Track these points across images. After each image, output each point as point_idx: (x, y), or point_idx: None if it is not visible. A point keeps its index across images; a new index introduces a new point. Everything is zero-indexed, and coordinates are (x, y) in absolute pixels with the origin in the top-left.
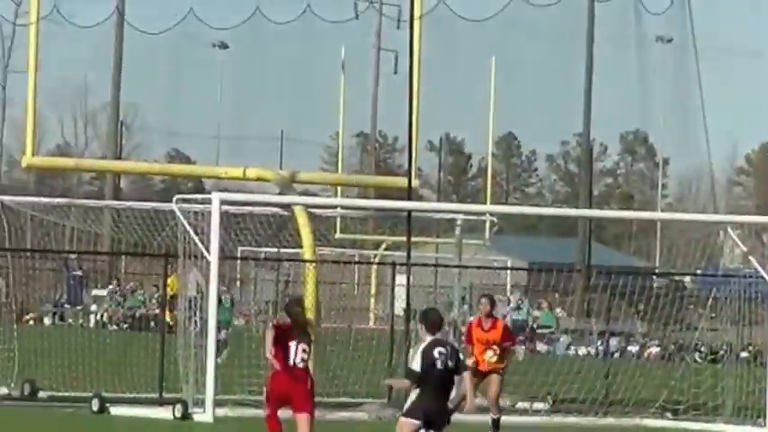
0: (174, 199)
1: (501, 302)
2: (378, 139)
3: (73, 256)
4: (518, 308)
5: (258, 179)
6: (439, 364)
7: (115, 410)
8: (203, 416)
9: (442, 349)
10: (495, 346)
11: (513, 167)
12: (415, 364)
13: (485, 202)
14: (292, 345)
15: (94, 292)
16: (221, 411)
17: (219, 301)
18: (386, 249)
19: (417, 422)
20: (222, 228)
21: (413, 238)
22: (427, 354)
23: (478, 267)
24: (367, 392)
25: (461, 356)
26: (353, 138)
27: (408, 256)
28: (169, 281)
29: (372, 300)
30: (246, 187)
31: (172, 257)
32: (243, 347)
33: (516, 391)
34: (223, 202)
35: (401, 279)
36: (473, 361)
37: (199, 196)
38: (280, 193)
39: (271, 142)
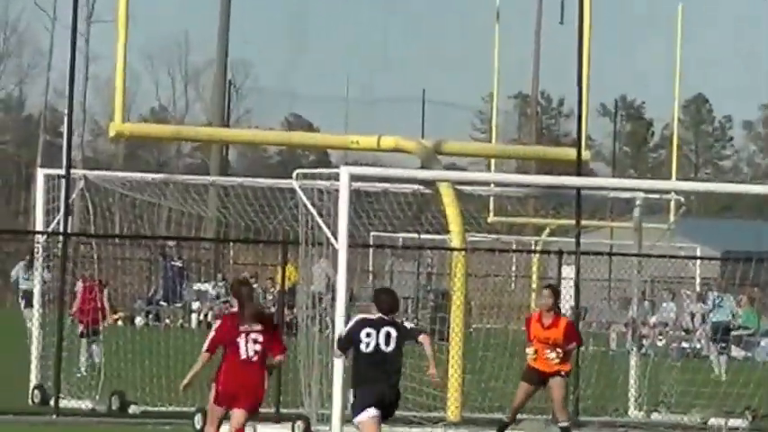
0: (294, 174)
1: (689, 298)
2: (540, 102)
3: (171, 243)
4: (719, 305)
5: (395, 150)
6: (363, 347)
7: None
8: None
9: (370, 330)
10: (558, 349)
11: (703, 136)
12: (342, 334)
13: (669, 178)
14: (242, 336)
15: (197, 286)
16: (351, 430)
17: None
18: (549, 235)
19: (372, 410)
20: (352, 209)
21: (582, 222)
22: (351, 332)
23: (662, 256)
24: (527, 406)
25: (410, 338)
26: (510, 100)
27: (577, 243)
28: (288, 272)
29: (533, 295)
30: (381, 160)
31: (291, 245)
32: None
33: (709, 405)
34: (353, 178)
35: (568, 271)
36: (532, 358)
37: (324, 171)
38: (422, 167)
39: (410, 106)
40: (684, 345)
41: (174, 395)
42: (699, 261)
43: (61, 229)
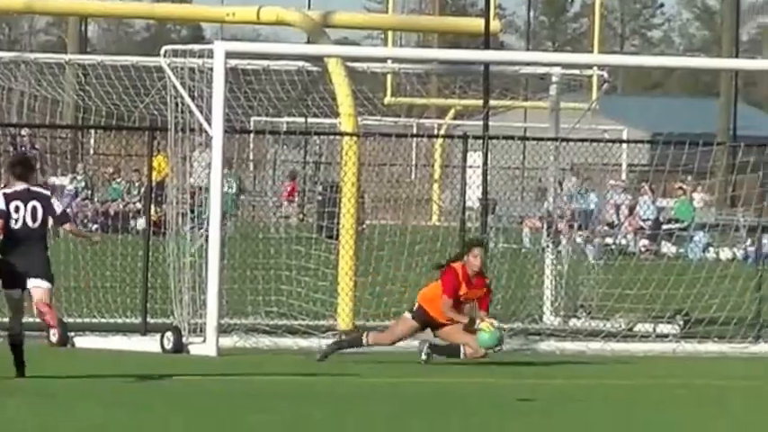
0: (162, 51)
1: (615, 189)
2: None
3: (24, 131)
4: (579, 193)
5: (277, 23)
6: (14, 223)
7: (82, 342)
8: (203, 347)
9: (19, 203)
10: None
11: (629, 2)
12: None
13: (591, 51)
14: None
15: (53, 179)
16: (227, 341)
17: None
18: (454, 118)
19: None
20: (228, 90)
21: (491, 102)
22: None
23: (583, 140)
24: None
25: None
26: None
27: (485, 126)
28: (155, 163)
29: (436, 187)
30: (262, 35)
31: (159, 131)
32: (258, 253)
33: (635, 309)
34: (229, 55)
35: (475, 158)
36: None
37: (196, 47)
38: (308, 43)
39: None
40: (608, 241)
41: (27, 305)
42: (625, 145)
43: None
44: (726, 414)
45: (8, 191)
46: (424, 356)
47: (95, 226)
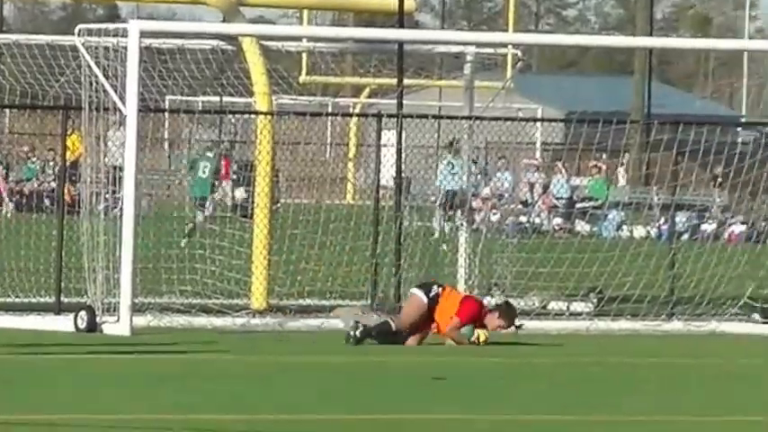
0: (77, 30)
1: (528, 168)
2: None
3: None
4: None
5: (193, 2)
6: None
7: None
8: (116, 327)
9: None
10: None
11: None
12: None
13: (506, 30)
14: None
15: None
16: (141, 320)
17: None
18: (369, 96)
19: None
20: (143, 69)
21: (406, 81)
22: None
23: (497, 119)
24: (342, 292)
25: None
26: None
27: (399, 105)
28: (69, 142)
29: (351, 165)
30: (178, 14)
31: (73, 110)
32: (171, 233)
33: (549, 287)
34: (144, 34)
35: (389, 136)
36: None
37: (110, 26)
38: (223, 21)
39: None
40: (522, 219)
41: None
42: (540, 123)
43: None
44: (638, 391)
45: None
46: (353, 335)
47: (11, 205)
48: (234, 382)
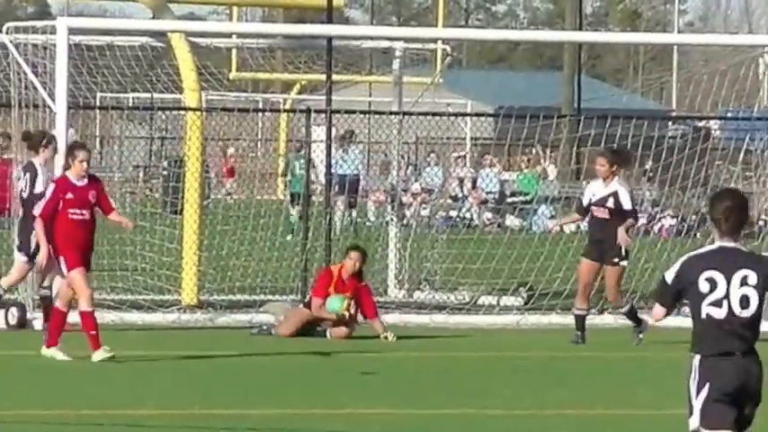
0: (5, 28)
1: (458, 163)
2: None
3: None
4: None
5: None
6: None
7: None
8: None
9: None
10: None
11: None
12: None
13: (435, 25)
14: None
15: None
16: (72, 317)
17: None
18: (300, 92)
19: None
20: (72, 66)
21: (335, 76)
22: None
23: (426, 114)
24: (273, 287)
25: None
26: None
27: (328, 101)
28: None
29: (281, 161)
30: (108, 11)
31: (3, 107)
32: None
33: (479, 282)
34: (72, 31)
35: (319, 132)
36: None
37: (39, 23)
38: (153, 18)
39: None
40: (452, 214)
41: None
42: (469, 118)
43: None
44: (565, 384)
45: None
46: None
47: None
48: (162, 377)
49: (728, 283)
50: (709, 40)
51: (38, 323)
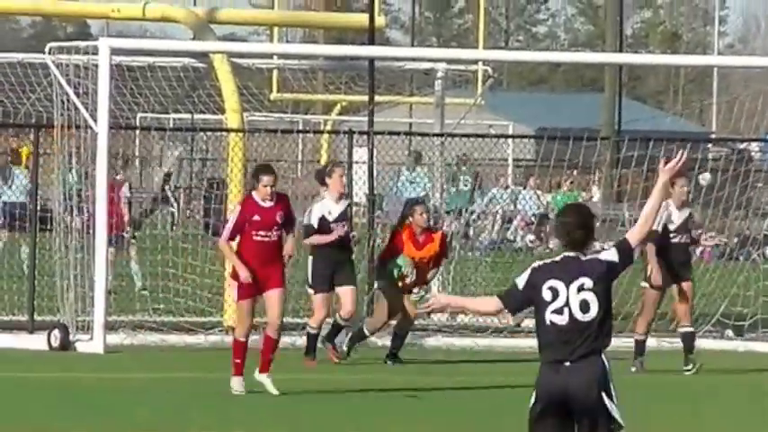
0: (47, 48)
1: (497, 187)
2: None
3: None
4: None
5: (163, 20)
6: None
7: None
8: (90, 344)
9: None
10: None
11: None
12: None
13: (476, 47)
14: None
15: None
16: (114, 339)
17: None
18: (341, 113)
19: None
20: (114, 87)
21: (377, 97)
22: None
23: (468, 136)
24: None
25: None
26: None
27: (371, 122)
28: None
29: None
30: (149, 31)
31: (45, 128)
32: (145, 251)
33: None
34: (114, 51)
35: (361, 153)
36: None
37: (81, 43)
38: (194, 39)
39: None
40: (494, 237)
41: None
42: (511, 140)
43: None
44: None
45: None
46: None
47: None
48: (207, 399)
49: (568, 290)
50: (749, 62)
51: (81, 345)
